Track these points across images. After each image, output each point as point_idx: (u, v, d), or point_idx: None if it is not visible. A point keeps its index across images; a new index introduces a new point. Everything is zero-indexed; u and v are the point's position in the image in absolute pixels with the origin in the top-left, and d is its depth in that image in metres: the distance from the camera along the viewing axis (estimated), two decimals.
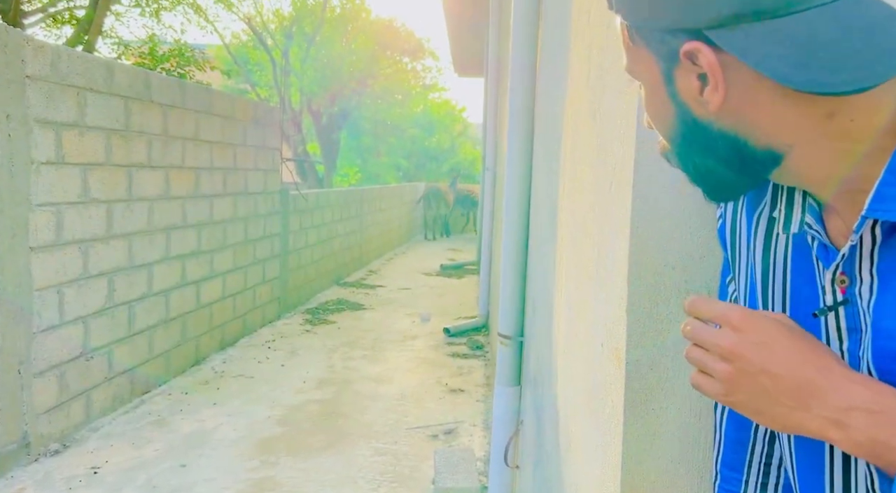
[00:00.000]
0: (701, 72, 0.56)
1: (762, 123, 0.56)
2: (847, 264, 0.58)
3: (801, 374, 0.54)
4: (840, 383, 0.53)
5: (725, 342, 0.56)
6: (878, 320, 0.56)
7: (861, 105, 0.53)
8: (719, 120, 0.58)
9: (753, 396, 0.56)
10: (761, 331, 0.56)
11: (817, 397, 0.53)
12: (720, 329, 0.57)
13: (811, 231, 0.61)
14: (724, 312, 0.58)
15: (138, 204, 4.35)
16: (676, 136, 0.63)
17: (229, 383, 4.83)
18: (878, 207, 0.53)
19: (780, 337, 0.56)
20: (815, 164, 0.57)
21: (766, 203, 0.68)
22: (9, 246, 3.27)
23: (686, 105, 0.59)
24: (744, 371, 0.55)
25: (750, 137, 0.58)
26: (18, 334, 3.36)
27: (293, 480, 3.36)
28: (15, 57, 3.31)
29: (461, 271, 10.76)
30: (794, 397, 0.54)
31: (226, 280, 5.68)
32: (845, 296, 0.59)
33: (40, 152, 3.48)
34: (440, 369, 5.33)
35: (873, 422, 0.51)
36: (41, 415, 3.53)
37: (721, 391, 0.58)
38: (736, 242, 0.72)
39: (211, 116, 5.31)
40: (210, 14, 14.39)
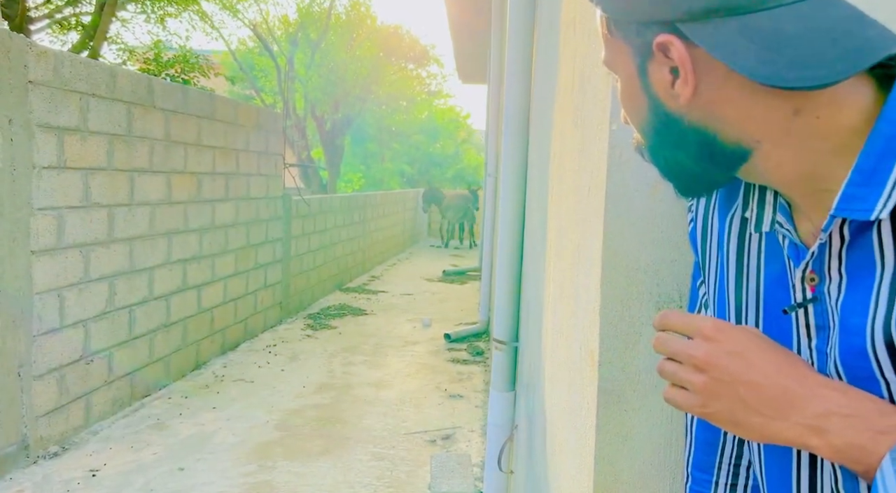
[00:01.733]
0: (673, 65, 0.57)
1: (731, 118, 0.57)
2: (816, 263, 0.59)
3: (777, 382, 0.54)
4: (816, 389, 0.54)
5: (699, 353, 0.56)
6: (845, 318, 0.56)
7: (826, 102, 0.54)
8: (690, 114, 0.59)
9: (730, 406, 0.56)
10: (735, 341, 0.56)
11: (795, 405, 0.53)
12: (693, 341, 0.57)
13: (782, 230, 0.62)
14: (696, 323, 0.58)
15: (140, 209, 4.38)
16: (649, 129, 0.64)
17: (229, 387, 4.85)
18: (846, 207, 0.54)
19: (753, 347, 0.56)
20: (781, 161, 0.58)
21: (739, 205, 0.68)
22: (10, 249, 3.30)
23: (658, 98, 0.60)
24: (719, 381, 0.55)
25: (719, 131, 0.58)
26: (19, 336, 3.38)
27: (290, 484, 3.36)
28: (18, 62, 3.35)
29: (463, 277, 10.77)
30: (771, 407, 0.54)
31: (227, 285, 5.70)
32: (814, 294, 0.59)
33: (42, 157, 3.51)
34: (440, 374, 5.33)
35: (849, 425, 0.51)
36: (40, 418, 3.55)
37: (697, 403, 0.57)
38: (707, 244, 0.73)
39: (213, 122, 5.34)
40: (216, 20, 14.48)
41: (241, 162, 5.85)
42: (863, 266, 0.55)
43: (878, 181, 0.53)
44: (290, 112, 14.90)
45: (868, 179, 0.53)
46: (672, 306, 0.85)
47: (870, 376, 0.54)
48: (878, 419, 0.51)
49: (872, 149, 0.54)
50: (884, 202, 0.52)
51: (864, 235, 0.55)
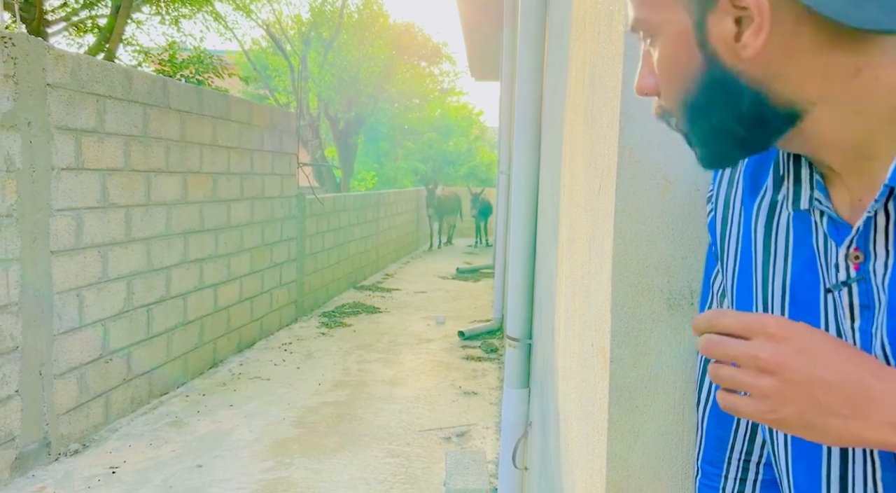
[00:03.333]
0: (738, 15, 0.54)
1: (791, 75, 0.54)
2: (861, 239, 0.56)
3: (854, 378, 0.51)
4: (894, 383, 0.50)
5: (765, 354, 0.52)
6: (894, 297, 0.54)
7: (890, 63, 0.52)
8: (749, 70, 0.55)
9: (804, 409, 0.52)
10: (803, 338, 0.52)
11: (874, 400, 0.50)
12: (754, 341, 0.53)
13: (820, 206, 0.60)
14: (757, 321, 0.54)
15: (156, 209, 4.43)
16: (697, 91, 0.59)
17: (246, 385, 4.89)
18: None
19: (824, 343, 0.52)
20: (832, 125, 0.55)
21: (768, 188, 0.66)
22: (30, 250, 3.35)
23: (716, 54, 0.56)
24: (791, 382, 0.51)
25: (775, 91, 0.55)
26: (39, 335, 3.44)
27: (307, 481, 3.40)
28: (36, 65, 3.40)
29: (477, 274, 10.78)
30: (849, 405, 0.50)
31: (243, 284, 5.75)
32: (859, 272, 0.56)
33: (60, 158, 3.56)
34: (454, 371, 5.35)
35: None
36: (61, 416, 3.61)
37: (767, 408, 0.53)
38: (727, 232, 0.71)
39: (228, 122, 5.39)
40: (229, 21, 14.56)
41: (255, 162, 5.90)
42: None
43: None
44: (303, 111, 14.97)
45: None
46: (683, 303, 0.86)
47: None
48: None
49: None
50: None
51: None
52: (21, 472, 3.34)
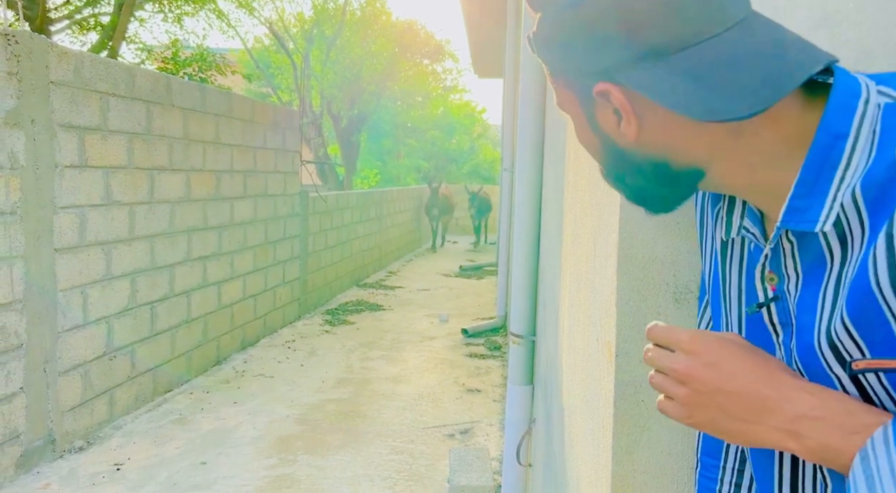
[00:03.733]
0: (615, 108, 0.61)
1: (678, 147, 0.60)
2: (773, 263, 0.62)
3: (752, 389, 0.56)
4: (789, 393, 0.55)
5: (678, 366, 0.59)
6: (799, 315, 0.59)
7: (763, 121, 0.57)
8: (640, 148, 0.62)
9: (713, 415, 0.58)
10: (711, 352, 0.58)
11: (770, 409, 0.55)
12: (675, 353, 0.60)
13: (748, 234, 0.65)
14: (674, 336, 0.60)
15: (160, 206, 4.44)
16: (606, 163, 0.67)
17: (250, 382, 4.90)
18: (790, 218, 0.57)
19: (729, 356, 0.58)
20: (734, 175, 0.61)
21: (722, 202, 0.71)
22: (34, 248, 3.36)
23: (609, 137, 0.64)
24: (699, 392, 0.58)
25: (671, 159, 0.62)
26: (44, 333, 3.44)
27: (311, 478, 3.40)
28: (40, 63, 3.40)
29: (480, 272, 10.77)
30: (749, 412, 0.56)
31: (246, 281, 5.76)
32: (775, 293, 0.62)
33: (64, 156, 3.56)
34: (458, 369, 5.35)
35: (820, 427, 0.53)
36: (66, 413, 3.62)
37: (683, 414, 0.60)
38: (704, 235, 0.76)
39: (231, 120, 5.39)
40: (232, 19, 14.56)
41: (258, 159, 5.90)
42: (815, 264, 0.58)
43: (819, 192, 0.55)
44: (306, 109, 14.96)
45: (810, 191, 0.56)
46: (689, 297, 0.85)
47: (822, 373, 0.57)
48: (846, 419, 0.53)
49: (813, 161, 0.56)
50: (826, 214, 0.55)
51: (811, 238, 0.58)
52: (26, 469, 3.34)
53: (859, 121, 0.54)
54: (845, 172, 0.54)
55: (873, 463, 0.49)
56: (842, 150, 0.55)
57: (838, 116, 0.55)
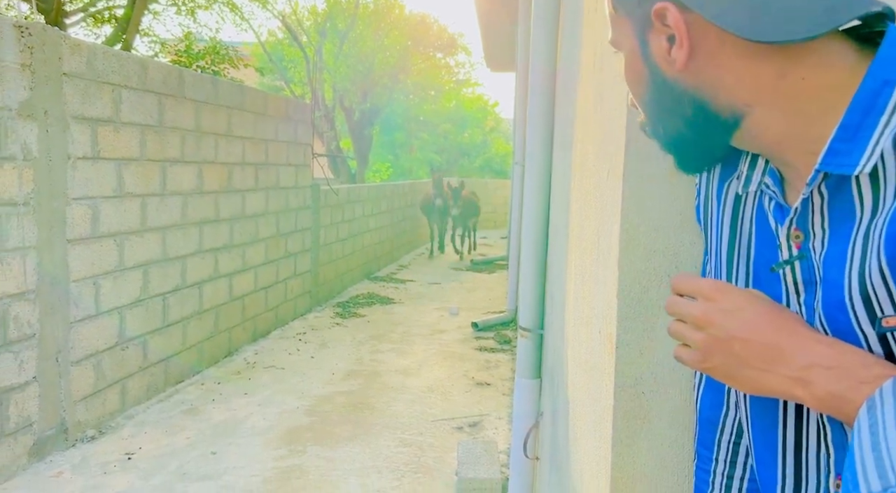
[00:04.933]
0: (670, 33, 0.61)
1: (723, 82, 0.60)
2: (801, 220, 0.61)
3: (768, 337, 0.57)
4: (804, 343, 0.56)
5: (697, 311, 0.60)
6: (826, 271, 0.59)
7: (812, 64, 0.57)
8: (685, 79, 0.62)
9: (726, 361, 0.59)
10: (730, 299, 0.59)
11: (783, 358, 0.56)
12: (696, 301, 0.61)
13: (768, 191, 0.65)
14: (697, 284, 0.62)
15: (172, 198, 4.46)
16: (648, 98, 0.67)
17: (261, 373, 4.93)
18: (831, 161, 0.56)
19: (747, 304, 0.59)
20: (771, 124, 0.60)
21: (736, 175, 0.71)
22: (47, 238, 3.39)
23: (657, 66, 0.64)
24: (715, 337, 0.59)
25: (713, 97, 0.61)
26: (56, 323, 3.48)
27: (319, 469, 3.42)
28: (53, 55, 3.42)
29: (492, 266, 10.76)
30: (762, 360, 0.57)
31: (258, 273, 5.78)
32: (800, 251, 0.62)
33: (77, 148, 3.59)
34: (467, 362, 5.35)
35: (831, 376, 0.53)
36: (78, 402, 3.66)
37: (697, 359, 0.61)
38: (709, 216, 0.76)
39: (243, 112, 5.40)
40: (245, 12, 14.60)
41: (270, 152, 5.92)
42: (844, 219, 0.57)
43: (862, 137, 0.55)
44: (318, 102, 14.98)
45: (853, 135, 0.55)
46: None
47: (849, 330, 0.56)
48: (860, 370, 0.53)
49: (858, 105, 0.55)
50: (867, 157, 0.54)
51: (844, 188, 0.57)
52: (39, 457, 3.39)
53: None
54: (891, 118, 0.54)
55: (879, 412, 0.49)
56: (889, 95, 0.54)
57: (888, 63, 0.55)
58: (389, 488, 3.25)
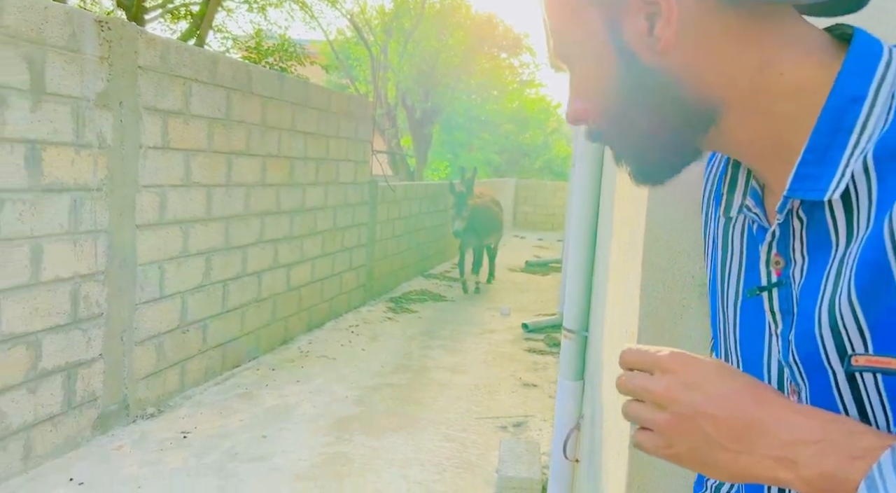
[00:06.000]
0: (651, 10, 0.56)
1: (702, 68, 0.56)
2: (781, 245, 0.57)
3: (741, 412, 0.51)
4: (782, 415, 0.50)
5: (657, 387, 0.53)
6: (801, 301, 0.54)
7: (790, 58, 0.54)
8: (664, 64, 0.56)
9: (694, 444, 0.52)
10: (693, 371, 0.53)
11: (759, 434, 0.50)
12: (653, 375, 0.54)
13: (750, 214, 0.60)
14: (653, 355, 0.55)
15: (236, 189, 4.63)
16: (620, 98, 0.60)
17: (313, 362, 5.06)
18: (799, 187, 0.53)
19: (713, 375, 0.53)
20: (743, 125, 0.57)
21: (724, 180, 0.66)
22: (118, 223, 3.58)
23: (633, 53, 0.57)
24: (680, 416, 0.52)
25: (691, 87, 0.56)
26: (123, 303, 3.66)
27: (364, 457, 3.49)
28: (129, 48, 3.60)
29: (546, 268, 10.71)
30: (736, 439, 0.50)
31: (315, 265, 5.93)
32: (780, 278, 0.57)
33: (148, 138, 3.77)
34: (515, 363, 5.36)
35: (818, 453, 0.47)
36: (140, 381, 3.84)
37: (661, 444, 0.54)
38: (707, 235, 0.72)
39: (307, 109, 5.55)
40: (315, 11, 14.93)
41: (331, 148, 6.06)
42: (820, 246, 0.53)
43: (831, 159, 0.51)
44: (381, 100, 15.20)
45: (822, 157, 0.52)
46: None
47: (819, 365, 0.51)
48: (847, 443, 0.47)
49: (825, 124, 0.52)
50: (836, 182, 0.51)
51: (819, 214, 0.53)
52: (102, 431, 3.58)
53: (878, 83, 0.51)
54: (860, 137, 0.51)
55: (882, 492, 0.43)
56: (857, 114, 0.51)
57: (855, 78, 0.52)
58: (431, 480, 3.30)
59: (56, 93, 3.17)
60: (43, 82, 3.10)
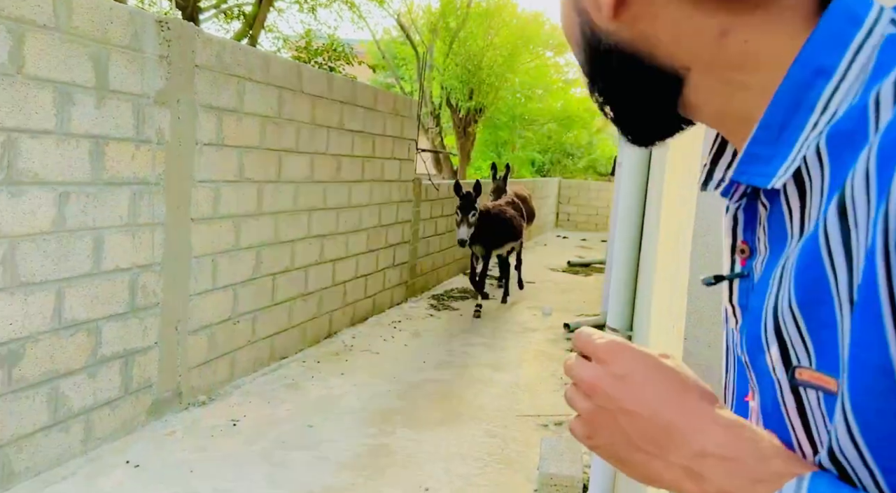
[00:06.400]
0: None
1: (661, 38, 0.51)
2: (748, 232, 0.52)
3: (661, 413, 0.47)
4: (701, 424, 0.46)
5: (585, 375, 0.50)
6: (752, 298, 0.50)
7: (757, 23, 0.47)
8: (619, 32, 0.52)
9: (612, 439, 0.49)
10: (623, 363, 0.49)
11: (674, 440, 0.46)
12: (589, 362, 0.51)
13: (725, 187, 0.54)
14: (591, 343, 0.52)
15: (285, 186, 4.75)
16: (583, 57, 0.57)
17: (357, 356, 5.15)
18: (745, 170, 0.48)
19: (643, 371, 0.49)
20: (709, 95, 0.51)
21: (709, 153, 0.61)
22: (174, 217, 3.71)
23: (589, 18, 0.54)
24: (602, 409, 0.49)
25: (650, 55, 0.52)
26: (177, 294, 3.80)
27: (406, 450, 3.56)
28: (187, 48, 3.73)
29: (589, 268, 10.64)
30: (652, 441, 0.47)
31: (359, 261, 6.03)
32: (743, 268, 0.52)
33: (203, 134, 3.90)
34: (557, 362, 5.36)
35: (725, 470, 0.44)
36: (192, 369, 3.98)
37: (586, 433, 0.51)
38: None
39: (354, 107, 5.65)
40: (363, 11, 15.12)
41: (377, 146, 6.15)
42: (778, 239, 0.48)
43: (786, 140, 0.46)
44: (426, 99, 15.31)
45: (776, 137, 0.46)
46: None
47: (766, 372, 0.47)
48: (756, 465, 0.43)
49: (783, 99, 0.46)
50: (785, 168, 0.45)
51: (778, 200, 0.48)
52: (156, 416, 3.72)
53: (853, 54, 0.44)
54: (821, 116, 0.44)
55: None
56: (821, 89, 0.44)
57: (824, 48, 0.45)
58: (472, 474, 3.34)
59: (118, 90, 3.31)
60: (106, 80, 3.24)
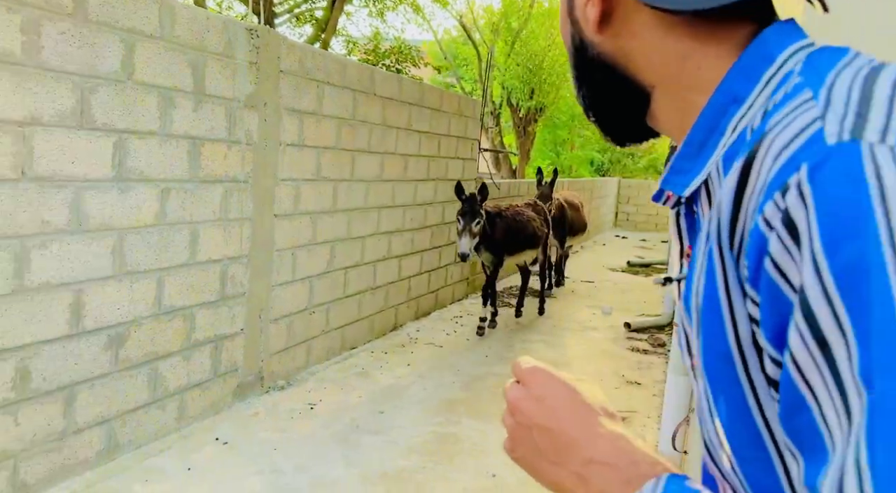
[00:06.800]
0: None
1: (635, 55, 0.57)
2: (691, 237, 0.58)
3: (564, 428, 0.55)
4: (590, 435, 0.54)
5: (510, 396, 0.59)
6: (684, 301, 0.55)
7: (710, 53, 0.54)
8: (601, 44, 0.59)
9: (528, 452, 0.57)
10: (541, 386, 0.57)
11: (572, 451, 0.54)
12: (518, 385, 0.59)
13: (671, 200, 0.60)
14: (519, 369, 0.60)
15: (358, 184, 4.97)
16: (572, 60, 0.64)
17: (421, 348, 5.34)
18: (670, 179, 0.55)
19: (556, 393, 0.57)
20: (669, 112, 0.58)
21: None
22: (259, 212, 3.97)
23: (578, 22, 0.61)
24: (521, 425, 0.57)
25: (625, 68, 0.58)
26: (261, 285, 4.06)
27: (471, 439, 3.72)
28: (273, 54, 3.98)
29: (649, 269, 10.58)
30: (555, 452, 0.55)
31: (423, 257, 6.23)
32: (685, 271, 0.58)
33: (286, 135, 4.14)
34: (618, 360, 5.43)
35: (603, 474, 0.52)
36: (273, 355, 4.23)
37: (509, 447, 0.59)
38: None
39: (421, 109, 5.84)
40: (427, 13, 15.35)
41: (441, 146, 6.33)
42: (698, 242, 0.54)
43: (703, 157, 0.53)
44: (487, 99, 15.44)
45: (696, 153, 0.54)
46: None
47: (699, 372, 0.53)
48: (627, 468, 0.51)
49: (704, 122, 0.53)
50: (696, 182, 0.53)
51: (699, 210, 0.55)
52: (240, 398, 3.98)
53: (762, 87, 0.50)
54: (728, 139, 0.51)
55: None
56: (732, 115, 0.51)
57: (741, 78, 0.51)
58: None
59: (213, 94, 3.57)
60: (203, 85, 3.50)
